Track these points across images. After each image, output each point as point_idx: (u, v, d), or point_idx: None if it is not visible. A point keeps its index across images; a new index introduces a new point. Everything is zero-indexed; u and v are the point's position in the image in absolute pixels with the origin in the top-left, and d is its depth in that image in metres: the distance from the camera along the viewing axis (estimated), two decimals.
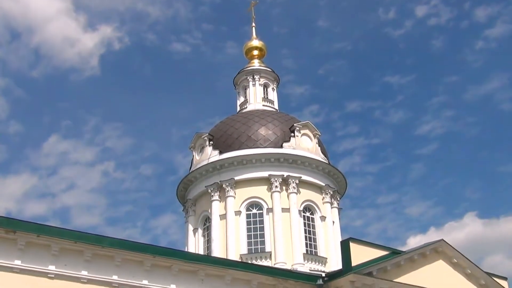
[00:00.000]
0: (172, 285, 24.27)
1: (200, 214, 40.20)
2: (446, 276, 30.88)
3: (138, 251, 23.73)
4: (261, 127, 40.40)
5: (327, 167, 40.68)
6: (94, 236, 23.46)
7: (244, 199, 38.10)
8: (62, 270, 21.82)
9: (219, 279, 25.62)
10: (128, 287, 23.14)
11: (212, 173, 39.41)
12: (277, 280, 27.12)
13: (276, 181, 37.85)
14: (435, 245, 31.31)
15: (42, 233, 21.61)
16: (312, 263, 36.76)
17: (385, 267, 28.29)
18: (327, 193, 39.78)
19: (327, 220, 39.15)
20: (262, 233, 37.29)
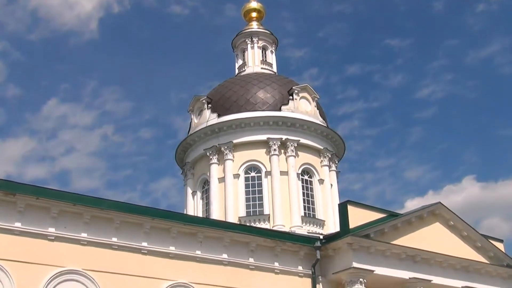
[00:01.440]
0: (171, 247, 24.48)
1: (198, 177, 40.32)
2: (442, 238, 31.20)
3: (137, 213, 23.89)
4: (259, 90, 40.24)
5: (326, 130, 40.67)
6: (93, 198, 23.58)
7: (242, 162, 38.17)
8: (62, 232, 21.99)
9: (217, 241, 25.84)
10: (128, 249, 23.34)
11: (211, 136, 39.39)
12: (275, 242, 27.36)
13: (274, 144, 37.87)
14: (432, 207, 31.53)
15: (41, 195, 21.70)
16: (310, 225, 37.02)
17: (382, 230, 28.54)
18: (325, 156, 39.85)
19: (325, 183, 39.30)
20: (260, 196, 37.46)
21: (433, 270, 29.92)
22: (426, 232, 30.56)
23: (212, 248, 25.58)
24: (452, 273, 30.82)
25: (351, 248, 27.38)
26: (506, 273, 33.42)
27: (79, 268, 21.93)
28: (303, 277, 27.95)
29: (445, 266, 30.55)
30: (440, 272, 30.24)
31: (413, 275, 28.91)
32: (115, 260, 22.85)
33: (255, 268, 26.59)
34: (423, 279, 29.18)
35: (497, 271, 32.99)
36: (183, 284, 24.18)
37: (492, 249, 33.04)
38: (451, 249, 30.92)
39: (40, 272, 21.05)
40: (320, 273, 28.21)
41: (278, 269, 27.30)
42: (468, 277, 31.50)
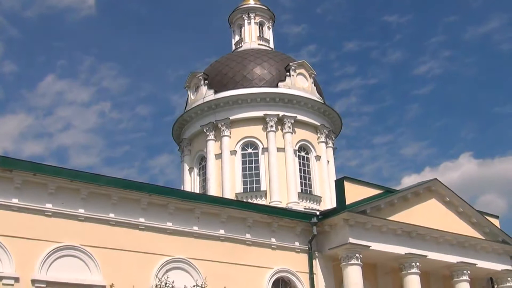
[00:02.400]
0: (169, 223, 24.58)
1: (195, 154, 40.35)
2: (438, 214, 31.37)
3: (134, 189, 23.94)
4: (256, 66, 40.10)
5: (323, 107, 40.63)
6: (90, 174, 23.61)
7: (239, 139, 38.17)
8: (59, 208, 22.04)
9: (214, 217, 25.94)
10: (125, 225, 23.43)
11: (207, 112, 39.33)
12: (272, 218, 27.48)
13: (271, 121, 37.84)
14: (428, 184, 31.65)
15: (38, 171, 21.72)
16: (307, 201, 37.15)
17: (378, 206, 28.67)
18: (322, 132, 39.87)
19: (322, 160, 39.36)
20: (257, 172, 37.54)
21: (428, 246, 30.13)
22: (422, 208, 30.71)
23: (209, 224, 25.69)
24: (448, 249, 31.06)
25: (348, 224, 27.52)
26: (502, 248, 33.68)
27: (77, 243, 22.01)
28: (299, 252, 28.15)
29: (441, 241, 30.76)
30: (435, 247, 30.45)
31: (409, 251, 29.12)
32: (112, 236, 22.94)
33: (252, 244, 26.75)
34: (419, 254, 29.40)
35: (493, 246, 33.23)
36: (180, 260, 24.31)
37: (487, 225, 33.25)
38: (447, 225, 31.11)
39: (38, 248, 21.13)
40: (316, 248, 28.41)
41: (275, 245, 27.46)
42: (464, 252, 31.74)
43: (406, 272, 29.18)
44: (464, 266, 31.48)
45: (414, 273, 29.13)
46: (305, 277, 27.78)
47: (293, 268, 27.59)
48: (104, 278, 21.86)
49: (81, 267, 21.92)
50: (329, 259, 28.47)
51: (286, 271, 27.41)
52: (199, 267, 24.46)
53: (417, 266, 29.22)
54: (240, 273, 25.54)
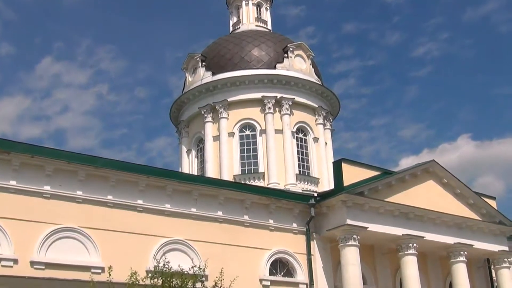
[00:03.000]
0: (167, 204, 24.63)
1: (193, 136, 40.33)
2: (436, 195, 31.45)
3: (132, 171, 23.96)
4: (254, 47, 39.94)
5: (320, 89, 40.55)
6: (88, 156, 23.63)
7: (237, 121, 38.13)
8: (57, 190, 22.07)
9: (212, 199, 25.99)
10: (123, 207, 23.47)
11: (205, 94, 39.24)
12: (270, 199, 27.55)
13: (269, 103, 37.78)
14: (426, 165, 31.70)
15: (36, 153, 21.72)
16: (305, 183, 37.22)
17: (376, 187, 28.73)
18: (320, 114, 39.83)
19: (319, 141, 39.37)
20: (255, 154, 37.54)
21: (426, 227, 30.26)
22: (419, 189, 30.79)
23: (207, 206, 25.74)
24: (445, 230, 31.19)
25: (345, 206, 27.60)
26: (498, 229, 33.83)
27: (75, 225, 22.06)
28: (297, 234, 28.25)
29: (438, 223, 30.88)
30: (433, 228, 30.58)
31: (406, 232, 29.23)
32: (110, 218, 22.99)
33: (250, 225, 26.83)
34: (416, 235, 29.52)
35: (489, 228, 33.38)
36: (178, 241, 24.38)
37: (484, 206, 33.36)
38: (444, 206, 31.21)
39: (37, 230, 21.18)
40: (314, 230, 28.52)
41: (272, 226, 27.55)
42: (461, 233, 31.88)
43: (403, 253, 29.31)
44: (461, 247, 31.64)
45: (411, 254, 29.27)
46: (302, 258, 27.91)
47: (291, 249, 27.71)
48: (103, 259, 21.92)
49: (80, 249, 21.99)
50: (327, 240, 28.59)
51: (284, 252, 27.54)
52: (197, 249, 24.55)
53: (414, 247, 29.35)
54: (238, 254, 25.64)
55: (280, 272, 27.48)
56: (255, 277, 26.14)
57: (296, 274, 27.72)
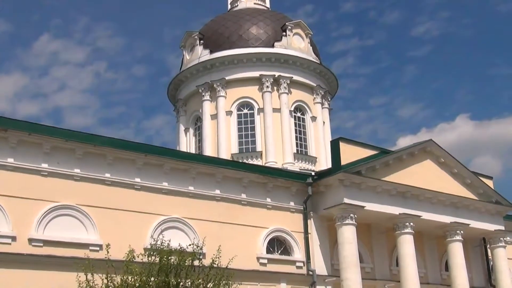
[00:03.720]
0: (164, 182, 24.66)
1: (191, 114, 40.24)
2: (433, 175, 31.54)
3: (130, 149, 23.96)
4: (252, 26, 39.69)
5: (319, 67, 40.40)
6: (85, 134, 23.60)
7: (235, 99, 38.02)
8: (55, 168, 22.07)
9: (210, 177, 26.02)
10: (121, 185, 23.49)
11: (203, 72, 39.07)
12: (267, 178, 27.59)
13: (267, 81, 37.66)
14: (423, 145, 31.75)
15: (33, 131, 21.68)
16: (302, 162, 37.23)
17: (373, 166, 28.78)
18: (318, 93, 39.73)
19: (317, 120, 39.32)
20: (253, 133, 37.49)
21: (422, 206, 30.39)
22: (417, 169, 30.86)
23: (204, 184, 25.78)
24: (442, 209, 31.32)
25: (343, 185, 27.66)
26: (494, 209, 33.99)
27: (73, 203, 22.10)
28: (294, 212, 28.35)
29: (435, 202, 31.00)
30: (429, 208, 30.71)
31: (403, 211, 29.35)
32: (108, 196, 23.02)
33: (247, 204, 26.91)
34: (413, 214, 29.64)
35: (486, 207, 33.53)
36: (176, 219, 24.46)
37: (481, 186, 33.47)
38: (441, 186, 31.31)
39: (35, 207, 21.21)
40: (311, 208, 28.61)
41: (270, 205, 27.64)
42: (457, 213, 32.03)
43: (400, 232, 29.46)
44: (457, 226, 31.80)
45: (408, 233, 29.42)
46: (300, 237, 28.05)
47: (288, 228, 27.83)
48: (101, 237, 22.00)
49: (78, 227, 22.05)
50: (324, 219, 28.70)
51: (281, 231, 27.65)
52: (194, 227, 24.63)
53: (411, 226, 29.49)
54: (235, 232, 25.74)
55: (277, 250, 27.63)
56: (252, 255, 26.28)
57: (293, 252, 27.87)
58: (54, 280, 20.04)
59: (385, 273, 30.73)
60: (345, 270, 26.90)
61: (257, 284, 25.72)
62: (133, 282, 15.62)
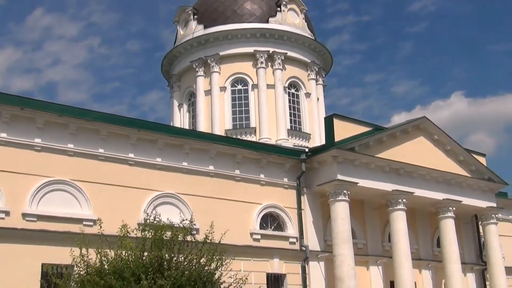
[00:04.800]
0: (158, 158, 24.64)
1: (185, 90, 40.10)
2: (426, 152, 31.63)
3: (123, 125, 23.88)
4: (246, 1, 39.38)
5: (313, 43, 40.22)
6: (79, 109, 23.50)
7: (229, 75, 37.87)
8: (48, 143, 21.99)
9: (204, 153, 26.01)
10: (114, 160, 23.47)
11: (197, 48, 38.85)
12: (261, 154, 27.61)
13: (261, 57, 37.50)
14: (417, 122, 31.79)
15: (26, 106, 21.55)
16: (296, 138, 37.25)
17: (367, 143, 28.83)
18: (313, 69, 39.62)
19: (311, 97, 39.27)
20: (247, 109, 37.42)
21: (415, 183, 30.51)
22: (410, 146, 30.93)
23: (198, 160, 25.78)
24: (434, 186, 31.48)
25: (336, 161, 27.72)
26: (487, 186, 34.18)
27: (67, 178, 22.07)
28: (288, 188, 28.43)
29: (428, 179, 31.14)
30: (422, 184, 30.85)
31: (396, 188, 29.48)
32: (102, 171, 23.00)
33: (241, 180, 26.95)
34: (406, 191, 29.79)
35: (478, 184, 33.71)
36: (169, 195, 24.50)
37: (474, 163, 33.61)
38: (434, 163, 31.42)
39: (28, 182, 21.18)
40: (305, 185, 28.70)
41: (263, 181, 27.69)
42: (450, 189, 32.20)
43: (393, 208, 29.62)
44: (450, 203, 31.99)
45: (400, 210, 29.58)
46: (293, 213, 28.17)
47: (281, 204, 27.93)
48: (94, 212, 22.01)
49: (72, 202, 22.06)
50: (317, 195, 28.81)
51: (275, 207, 27.76)
52: (188, 202, 24.68)
53: (403, 203, 29.64)
54: (229, 208, 25.81)
55: (271, 226, 27.75)
56: (245, 231, 26.39)
57: (286, 228, 28.00)
58: (48, 254, 20.09)
59: (378, 249, 30.98)
60: (338, 246, 27.07)
61: (250, 259, 25.85)
62: (127, 257, 15.68)
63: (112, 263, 15.64)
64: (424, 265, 32.76)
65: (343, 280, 26.57)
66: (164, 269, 15.54)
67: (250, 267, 24.64)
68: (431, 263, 33.05)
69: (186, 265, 16.08)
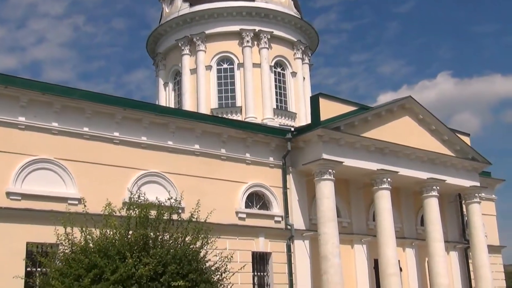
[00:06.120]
0: (143, 137, 24.56)
1: (170, 68, 39.90)
2: (411, 131, 31.80)
3: (108, 103, 23.72)
4: None
5: (299, 22, 40.08)
6: (63, 88, 23.30)
7: (215, 54, 37.71)
8: (32, 121, 21.81)
9: (189, 132, 25.97)
10: (99, 139, 23.33)
11: (182, 26, 38.59)
12: (247, 133, 27.60)
13: (247, 36, 37.34)
14: (402, 101, 31.88)
15: (9, 84, 21.30)
16: (282, 118, 37.28)
17: (352, 122, 28.90)
18: (299, 49, 39.54)
19: (297, 76, 39.23)
20: (232, 88, 37.35)
21: (400, 162, 30.69)
22: (395, 125, 31.05)
23: (184, 139, 25.73)
24: (419, 165, 31.68)
25: (321, 140, 27.78)
26: (471, 165, 34.46)
27: (51, 157, 21.95)
28: (273, 167, 28.50)
29: (413, 158, 31.32)
30: (407, 164, 31.04)
31: (381, 167, 29.64)
32: (87, 150, 22.88)
33: (226, 159, 26.96)
34: (391, 170, 29.97)
35: (462, 163, 33.97)
36: (155, 174, 24.47)
37: (458, 143, 33.83)
38: (419, 142, 31.60)
39: (12, 161, 21.04)
40: (290, 164, 28.77)
41: (249, 160, 27.73)
42: (434, 169, 32.43)
43: (378, 187, 29.81)
44: (434, 182, 32.25)
45: (385, 189, 29.78)
46: (278, 192, 28.28)
47: (267, 183, 28.01)
48: (79, 191, 21.96)
49: (56, 181, 21.97)
50: (303, 174, 28.90)
51: (260, 186, 27.83)
52: (173, 181, 24.68)
53: (388, 182, 29.84)
54: (214, 187, 25.85)
55: (256, 205, 27.85)
56: (231, 210, 26.48)
57: (271, 207, 28.12)
58: (32, 233, 20.04)
59: (362, 227, 31.22)
60: (323, 225, 27.25)
61: (236, 238, 25.97)
62: (112, 235, 15.69)
63: (97, 242, 15.64)
64: (408, 244, 33.09)
65: (328, 258, 26.79)
66: (149, 247, 15.58)
67: (235, 246, 24.79)
68: (414, 242, 33.38)
69: (171, 243, 16.12)
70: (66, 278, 14.96)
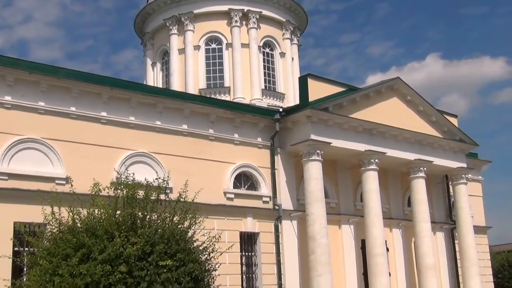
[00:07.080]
0: (131, 117, 24.44)
1: (158, 48, 39.64)
2: (399, 112, 31.86)
3: (95, 83, 23.55)
4: None
5: (288, 2, 39.83)
6: (50, 67, 23.10)
7: (203, 34, 37.48)
8: (19, 101, 21.62)
9: (177, 112, 25.87)
10: (86, 119, 23.19)
11: (170, 5, 38.26)
12: (235, 114, 27.55)
13: (236, 16, 37.11)
14: (390, 82, 31.91)
15: None
16: (270, 98, 37.23)
17: (341, 103, 28.92)
18: (288, 29, 39.38)
19: (286, 57, 39.12)
20: (221, 68, 37.19)
21: (388, 143, 30.79)
22: (383, 106, 31.10)
23: (172, 119, 25.64)
24: (406, 146, 31.81)
25: (310, 121, 27.79)
26: (458, 147, 34.64)
27: (38, 136, 21.80)
28: (262, 148, 28.50)
29: (400, 139, 31.43)
30: (394, 145, 31.15)
31: (368, 148, 29.73)
32: (74, 129, 22.73)
33: (214, 139, 26.92)
34: (378, 151, 30.07)
35: (450, 145, 34.14)
36: (142, 154, 24.39)
37: (446, 124, 33.97)
38: (407, 123, 31.69)
39: None
40: (278, 144, 28.78)
41: (237, 140, 27.70)
42: (421, 150, 32.58)
43: (365, 168, 29.91)
44: (421, 163, 32.40)
45: (372, 170, 29.89)
46: (266, 172, 28.31)
47: (255, 164, 28.03)
48: (66, 171, 21.87)
49: (43, 160, 21.84)
50: (291, 155, 28.94)
51: (248, 166, 27.85)
52: (161, 161, 24.62)
53: (376, 163, 29.95)
54: (202, 167, 25.83)
55: (244, 185, 27.89)
56: (219, 190, 26.49)
57: (259, 187, 28.16)
58: (19, 213, 19.95)
59: (350, 208, 31.37)
60: (311, 205, 27.35)
61: (224, 218, 26.03)
62: (100, 215, 15.67)
63: (84, 221, 15.63)
64: (395, 224, 33.31)
65: (315, 238, 26.93)
66: (137, 227, 15.59)
67: (223, 226, 24.86)
68: (401, 222, 33.61)
69: (159, 223, 16.14)
70: (54, 258, 14.95)
